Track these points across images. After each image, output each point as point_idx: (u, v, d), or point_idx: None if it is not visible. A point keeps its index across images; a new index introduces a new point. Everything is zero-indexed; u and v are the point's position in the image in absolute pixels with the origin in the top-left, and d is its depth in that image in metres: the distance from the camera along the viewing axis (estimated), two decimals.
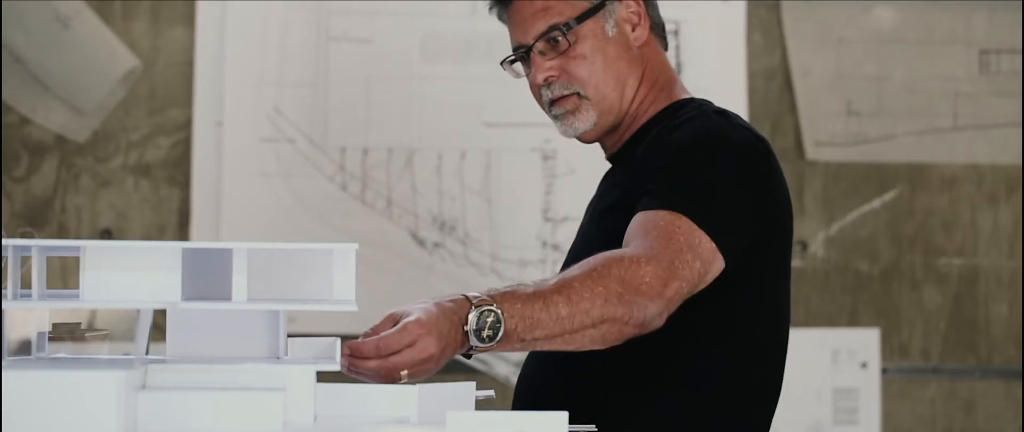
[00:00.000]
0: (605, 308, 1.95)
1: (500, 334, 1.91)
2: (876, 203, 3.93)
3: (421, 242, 3.77)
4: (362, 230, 3.74)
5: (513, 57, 2.32)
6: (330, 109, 3.78)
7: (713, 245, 2.07)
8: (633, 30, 2.29)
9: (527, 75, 2.32)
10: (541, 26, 2.26)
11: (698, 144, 2.17)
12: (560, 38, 2.25)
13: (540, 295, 1.94)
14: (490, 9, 2.35)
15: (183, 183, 3.78)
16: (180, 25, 3.79)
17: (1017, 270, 3.94)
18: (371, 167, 3.78)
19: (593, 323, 1.96)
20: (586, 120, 2.28)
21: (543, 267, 3.77)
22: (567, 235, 3.78)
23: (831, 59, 3.91)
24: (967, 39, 3.96)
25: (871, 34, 3.94)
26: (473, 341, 1.92)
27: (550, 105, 2.30)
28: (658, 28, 2.35)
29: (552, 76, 2.27)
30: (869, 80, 3.93)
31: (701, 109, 2.27)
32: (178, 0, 3.79)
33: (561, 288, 1.95)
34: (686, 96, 2.34)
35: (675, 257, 2.02)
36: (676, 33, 3.81)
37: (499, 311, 1.92)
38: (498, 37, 3.97)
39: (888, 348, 3.91)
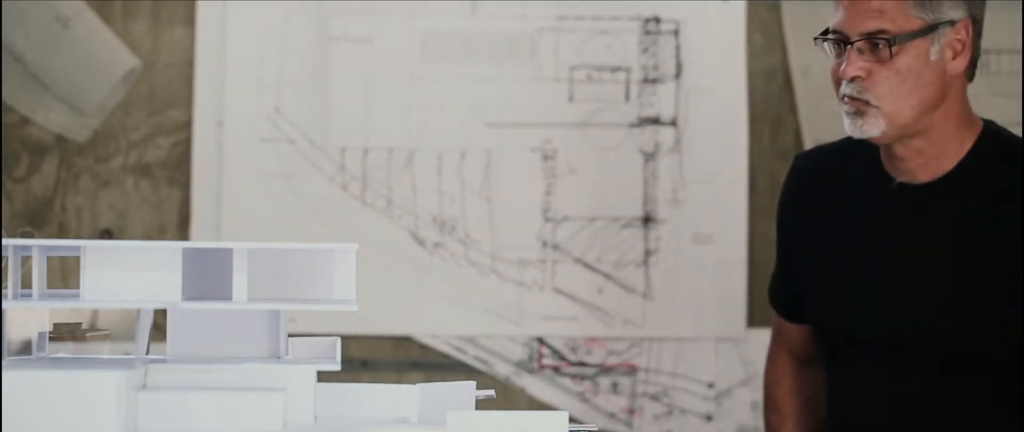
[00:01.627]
0: None
1: None
2: None
3: (421, 242, 3.77)
4: (362, 230, 3.74)
5: (829, 37, 2.29)
6: (330, 109, 3.78)
7: None
8: (954, 58, 2.25)
9: (834, 58, 2.28)
10: (870, 26, 2.23)
11: None
12: (883, 46, 2.21)
13: None
14: None
15: (183, 183, 3.78)
16: (180, 25, 3.79)
17: None
18: (371, 167, 3.78)
19: None
20: (874, 128, 2.24)
21: (543, 267, 3.77)
22: (567, 235, 3.78)
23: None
24: None
25: None
26: None
27: (844, 98, 2.27)
28: (974, 61, 2.30)
29: (860, 77, 2.23)
30: None
31: None
32: (178, 0, 3.79)
33: None
34: (981, 122, 2.32)
35: None
36: (676, 33, 3.82)
37: None
38: (498, 37, 3.97)
39: None
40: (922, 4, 2.23)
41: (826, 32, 2.30)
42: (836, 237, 2.37)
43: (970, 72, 2.31)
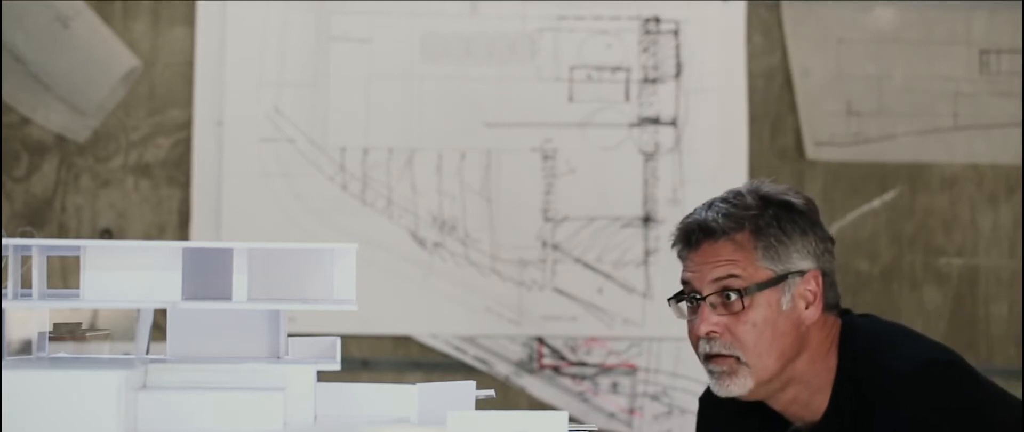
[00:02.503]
0: None
1: None
2: (876, 203, 3.93)
3: (421, 242, 3.77)
4: (362, 230, 3.74)
5: (680, 296, 2.27)
6: (330, 109, 3.78)
7: None
8: (806, 308, 2.23)
9: (688, 317, 2.26)
10: (721, 273, 2.21)
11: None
12: (734, 298, 2.20)
13: None
14: (673, 245, 2.30)
15: (183, 183, 3.78)
16: (180, 25, 3.79)
17: (1017, 270, 3.94)
18: (371, 167, 3.78)
19: None
20: (742, 386, 2.22)
21: (543, 267, 3.77)
22: (567, 235, 3.78)
23: (831, 59, 3.91)
24: (967, 39, 3.96)
25: (871, 34, 3.94)
26: None
27: (706, 358, 2.24)
28: (832, 307, 2.28)
29: (715, 332, 2.21)
30: (869, 80, 3.93)
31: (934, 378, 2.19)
32: (178, 0, 3.79)
33: None
34: (838, 329, 2.28)
35: None
36: (676, 33, 3.82)
37: None
38: (498, 37, 3.96)
39: None
40: (770, 255, 2.22)
41: (679, 293, 2.27)
42: None
43: (834, 312, 2.29)
